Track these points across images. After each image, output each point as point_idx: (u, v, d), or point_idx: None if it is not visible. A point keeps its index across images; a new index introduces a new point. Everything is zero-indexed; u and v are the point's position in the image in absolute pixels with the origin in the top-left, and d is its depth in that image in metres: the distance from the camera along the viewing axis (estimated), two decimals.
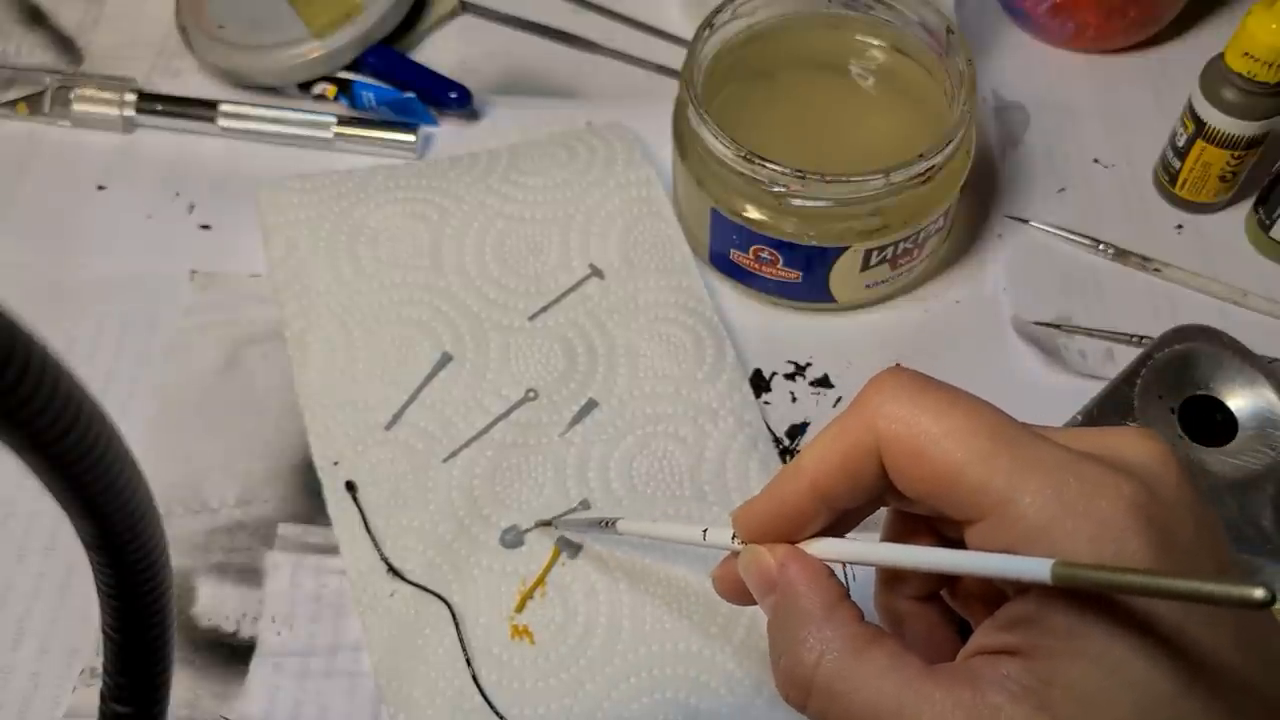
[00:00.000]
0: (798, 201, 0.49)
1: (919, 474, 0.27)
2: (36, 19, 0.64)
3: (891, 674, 0.27)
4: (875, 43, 0.55)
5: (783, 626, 0.29)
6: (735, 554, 0.32)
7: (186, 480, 0.48)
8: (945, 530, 0.31)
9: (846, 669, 0.27)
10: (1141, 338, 0.52)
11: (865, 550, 0.29)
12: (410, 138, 0.58)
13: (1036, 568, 0.24)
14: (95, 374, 0.51)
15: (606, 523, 0.41)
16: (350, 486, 0.47)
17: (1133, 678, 0.24)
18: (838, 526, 0.31)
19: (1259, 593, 0.20)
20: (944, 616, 0.33)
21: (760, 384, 0.51)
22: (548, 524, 0.46)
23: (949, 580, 0.32)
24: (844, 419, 0.29)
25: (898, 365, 0.29)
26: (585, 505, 0.46)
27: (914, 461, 0.27)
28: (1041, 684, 0.25)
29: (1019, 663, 0.26)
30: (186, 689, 0.43)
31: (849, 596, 0.29)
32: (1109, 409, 0.47)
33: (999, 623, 0.27)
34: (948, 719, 0.25)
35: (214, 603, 0.45)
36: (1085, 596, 0.25)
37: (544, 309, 0.52)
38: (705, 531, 0.34)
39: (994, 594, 0.30)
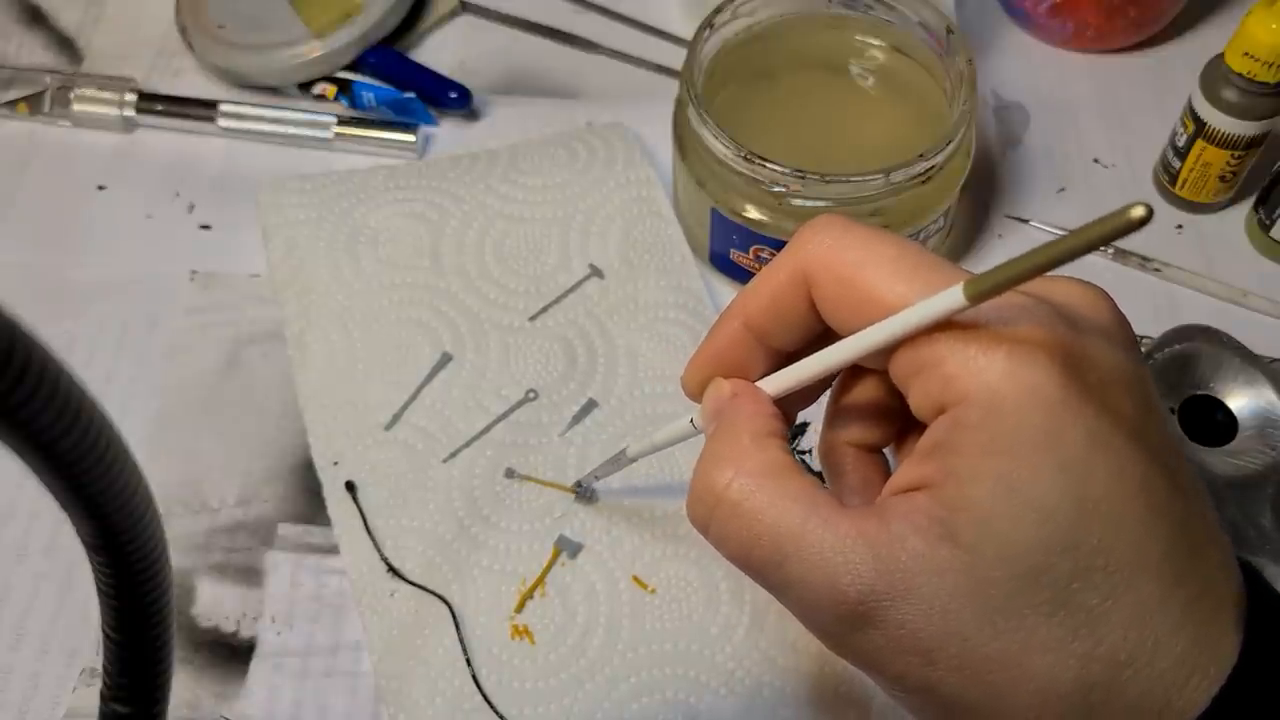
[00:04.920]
0: (798, 201, 0.49)
1: (847, 301, 0.28)
2: (36, 19, 0.64)
3: (802, 501, 0.27)
4: (875, 43, 0.55)
5: (710, 449, 0.29)
6: None
7: (186, 480, 0.48)
8: (886, 383, 0.31)
9: (758, 489, 0.27)
10: (1141, 338, 0.52)
11: (808, 364, 0.29)
12: (410, 138, 0.58)
13: (949, 297, 0.24)
14: (95, 374, 0.51)
15: (619, 458, 0.42)
16: (350, 486, 0.47)
17: (1035, 500, 0.24)
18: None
19: (1138, 210, 0.21)
20: (883, 473, 0.32)
21: None
22: (579, 486, 0.46)
23: (896, 433, 0.32)
24: (775, 260, 0.30)
25: (824, 214, 0.29)
26: (588, 491, 0.47)
27: (841, 289, 0.28)
28: (947, 512, 0.25)
29: (927, 494, 0.26)
30: (186, 689, 0.43)
31: (786, 438, 0.29)
32: None
33: (916, 456, 0.27)
34: (849, 547, 0.26)
35: (214, 603, 0.45)
36: (996, 407, 0.25)
37: (544, 309, 0.52)
38: (692, 420, 0.34)
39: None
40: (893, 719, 0.42)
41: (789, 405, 0.31)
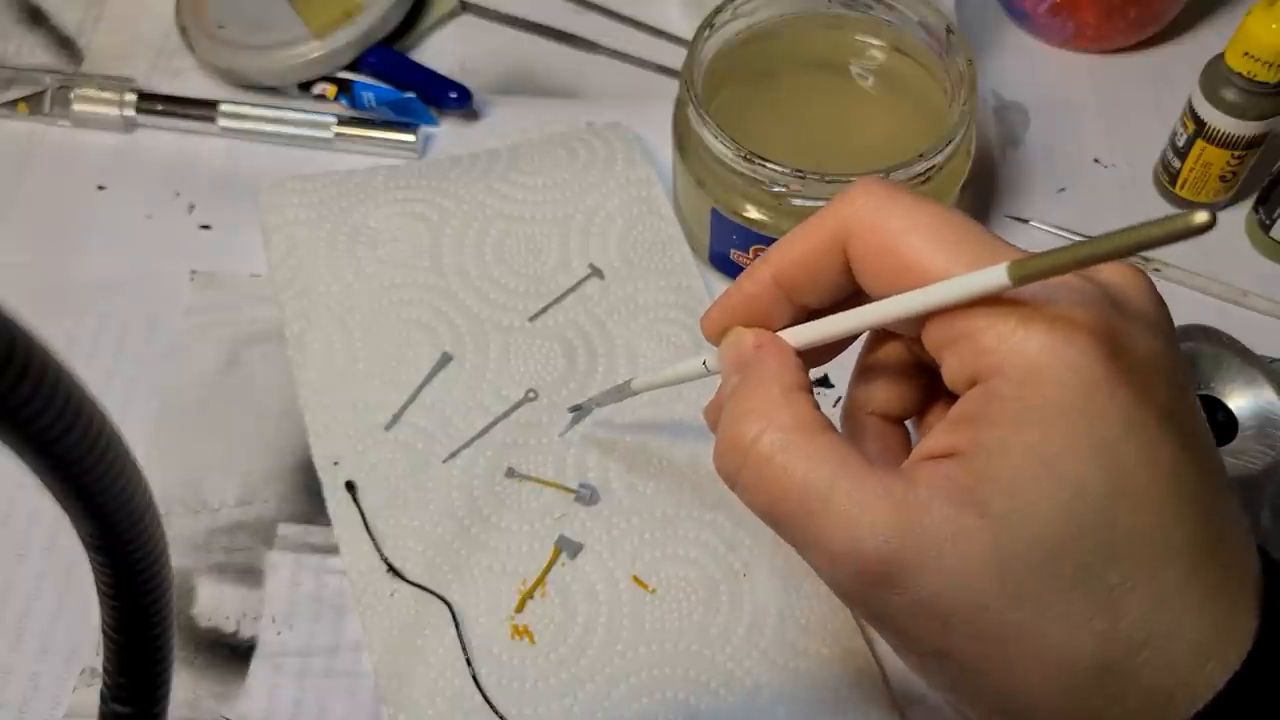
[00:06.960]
0: (798, 201, 0.49)
1: (885, 268, 0.27)
2: (36, 19, 0.64)
3: (831, 459, 0.27)
4: (875, 43, 0.55)
5: (739, 401, 0.29)
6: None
7: (186, 480, 0.48)
8: (916, 351, 0.30)
9: (789, 444, 0.27)
10: None
11: (836, 321, 0.29)
12: (410, 138, 0.58)
13: (993, 275, 0.24)
14: (95, 374, 0.51)
15: (622, 388, 0.41)
16: (350, 486, 0.47)
17: (1068, 475, 0.24)
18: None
19: (1201, 216, 0.20)
20: (904, 445, 0.32)
21: None
22: (578, 409, 0.47)
23: (920, 404, 0.32)
24: (812, 218, 0.29)
25: (869, 177, 0.29)
26: (588, 491, 0.46)
27: (881, 256, 0.27)
28: (976, 480, 0.25)
29: (956, 462, 0.25)
30: (186, 689, 0.43)
31: (812, 392, 0.29)
32: None
33: (946, 425, 0.26)
34: (874, 506, 0.25)
35: (214, 603, 0.45)
36: (1032, 381, 0.24)
37: (544, 309, 0.52)
38: (705, 362, 0.34)
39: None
40: None
41: (806, 359, 0.31)
